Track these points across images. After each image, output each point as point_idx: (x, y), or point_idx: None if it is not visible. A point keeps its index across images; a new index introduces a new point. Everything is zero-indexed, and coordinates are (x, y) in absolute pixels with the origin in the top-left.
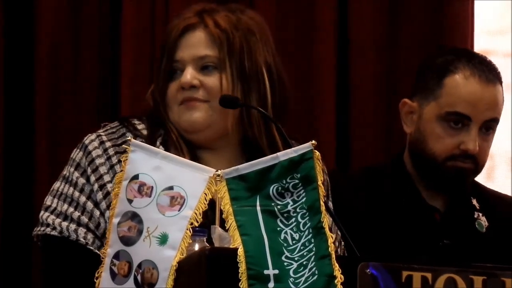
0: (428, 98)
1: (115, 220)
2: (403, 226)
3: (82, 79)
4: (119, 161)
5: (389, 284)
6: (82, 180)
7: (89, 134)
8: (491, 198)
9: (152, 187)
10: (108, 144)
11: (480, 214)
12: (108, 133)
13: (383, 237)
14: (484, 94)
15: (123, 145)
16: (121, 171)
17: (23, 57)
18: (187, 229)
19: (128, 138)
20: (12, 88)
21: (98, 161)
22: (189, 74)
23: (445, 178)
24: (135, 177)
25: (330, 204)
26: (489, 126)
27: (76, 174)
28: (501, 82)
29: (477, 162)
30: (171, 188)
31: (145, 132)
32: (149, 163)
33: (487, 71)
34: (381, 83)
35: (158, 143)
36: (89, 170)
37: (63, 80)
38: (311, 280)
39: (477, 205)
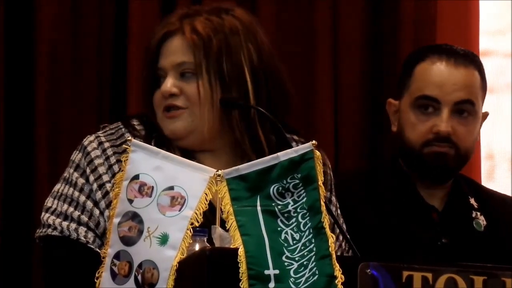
0: (403, 91)
1: (116, 220)
2: (402, 226)
3: (82, 79)
4: (118, 161)
5: (389, 285)
6: (81, 180)
7: (88, 136)
8: (489, 198)
9: (153, 187)
10: (106, 144)
11: (478, 213)
12: (107, 134)
13: (381, 236)
14: (451, 75)
15: (124, 145)
16: (122, 171)
17: (23, 57)
18: (188, 229)
19: (128, 138)
20: (12, 88)
21: (97, 162)
22: (169, 83)
23: (425, 166)
24: (136, 177)
25: (334, 198)
26: (462, 108)
27: (76, 174)
28: (477, 67)
29: (457, 146)
30: (171, 188)
31: (143, 132)
32: (150, 163)
33: (457, 56)
34: (368, 83)
35: (152, 144)
36: (88, 170)
37: (63, 79)
38: (311, 280)
39: (475, 204)
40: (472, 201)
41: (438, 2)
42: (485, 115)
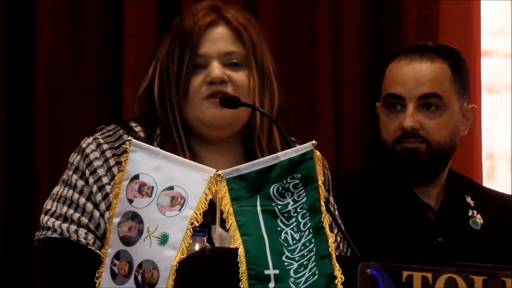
0: (380, 94)
1: (116, 220)
2: (397, 224)
3: (82, 79)
4: (117, 163)
5: (389, 285)
6: (81, 182)
7: (86, 138)
8: (487, 196)
9: (153, 187)
10: (105, 146)
11: (475, 212)
12: (105, 136)
13: (376, 236)
14: (414, 70)
15: (124, 145)
16: (122, 171)
17: (23, 57)
18: (188, 229)
19: (128, 138)
20: (12, 88)
21: (96, 163)
22: (219, 69)
23: (399, 163)
24: (136, 177)
25: (332, 199)
26: (428, 102)
27: (75, 177)
28: (448, 60)
29: (427, 141)
30: (171, 188)
31: (142, 134)
32: (150, 163)
33: (425, 51)
34: (368, 83)
35: (155, 144)
36: (87, 172)
37: (63, 80)
38: (311, 280)
39: (472, 203)
40: (469, 199)
41: (440, 2)
42: (472, 109)
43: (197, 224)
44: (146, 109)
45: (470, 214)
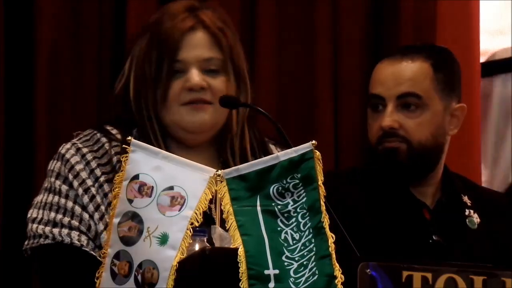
0: None
1: (116, 220)
2: (393, 223)
3: (83, 79)
4: (99, 165)
5: (388, 285)
6: (65, 187)
7: (64, 144)
8: (484, 195)
9: (153, 187)
10: (85, 150)
11: (472, 211)
12: (83, 140)
13: (372, 235)
14: (393, 70)
15: (124, 145)
16: (121, 171)
17: (23, 58)
18: (188, 229)
19: (128, 138)
20: (12, 88)
21: (78, 167)
22: (198, 76)
23: (380, 163)
24: (136, 177)
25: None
26: (407, 101)
27: (58, 182)
28: (430, 59)
29: (407, 140)
30: (171, 188)
31: (119, 136)
32: (150, 163)
33: (406, 51)
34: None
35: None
36: (70, 177)
37: (63, 81)
38: (311, 280)
39: (468, 202)
40: (466, 199)
41: (438, 2)
42: (461, 108)
43: (197, 224)
44: (122, 109)
45: (467, 213)
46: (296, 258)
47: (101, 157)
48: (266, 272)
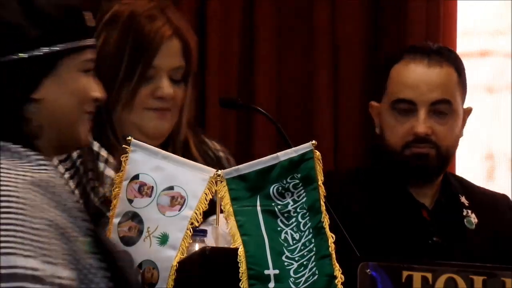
0: (381, 94)
1: (116, 220)
2: (392, 224)
3: None
4: (60, 162)
5: (388, 285)
6: None
7: None
8: (480, 195)
9: (153, 187)
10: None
11: (469, 212)
12: None
13: (372, 235)
14: (425, 76)
15: (123, 145)
16: (121, 171)
17: None
18: (188, 229)
19: (128, 138)
20: None
21: None
22: (169, 87)
23: (407, 167)
24: (136, 177)
25: None
26: (439, 109)
27: None
28: (453, 64)
29: (437, 146)
30: (171, 188)
31: None
32: (150, 163)
33: (432, 55)
34: (368, 83)
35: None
36: None
37: None
38: (311, 280)
39: (466, 202)
40: (463, 199)
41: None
42: (468, 110)
43: (197, 224)
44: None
45: (464, 213)
46: (296, 258)
47: (65, 160)
48: (266, 272)
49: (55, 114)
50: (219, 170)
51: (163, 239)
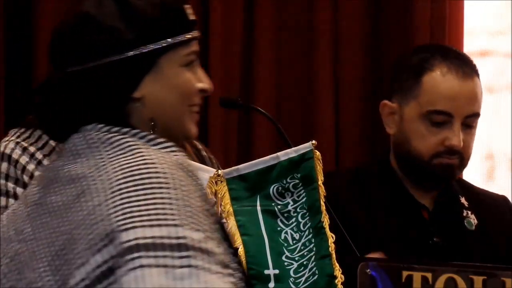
0: (407, 98)
1: None
2: (392, 224)
3: None
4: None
5: (387, 285)
6: (20, 189)
7: (4, 143)
8: (480, 196)
9: None
10: (32, 149)
11: (469, 212)
12: (24, 138)
13: (372, 235)
14: (463, 89)
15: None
16: None
17: (23, 57)
18: None
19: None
20: (12, 88)
21: (30, 167)
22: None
23: (433, 176)
24: None
25: None
26: (470, 121)
27: (10, 184)
28: (478, 75)
29: (462, 157)
30: None
31: None
32: None
33: (464, 66)
34: (368, 83)
35: None
36: (25, 177)
37: None
38: (311, 280)
39: (465, 203)
40: (463, 200)
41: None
42: None
43: None
44: None
45: (464, 214)
46: (296, 258)
47: (49, 154)
48: (266, 272)
49: (158, 109)
50: (219, 170)
51: None
